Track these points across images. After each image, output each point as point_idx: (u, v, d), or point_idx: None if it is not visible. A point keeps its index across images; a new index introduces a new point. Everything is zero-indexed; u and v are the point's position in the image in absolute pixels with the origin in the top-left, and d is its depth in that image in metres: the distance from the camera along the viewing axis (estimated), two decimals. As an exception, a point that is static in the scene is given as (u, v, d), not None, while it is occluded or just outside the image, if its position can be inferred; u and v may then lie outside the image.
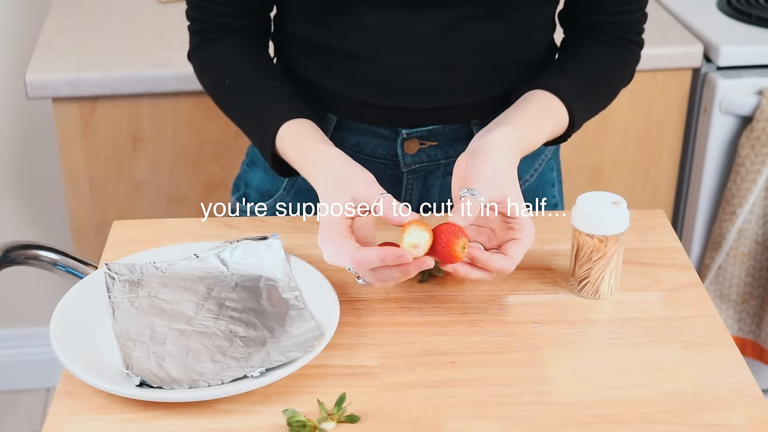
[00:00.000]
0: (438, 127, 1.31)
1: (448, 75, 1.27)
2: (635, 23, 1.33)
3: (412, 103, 1.28)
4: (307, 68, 1.31)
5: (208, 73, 1.30)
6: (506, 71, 1.29)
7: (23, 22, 2.20)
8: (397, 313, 1.16)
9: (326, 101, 1.31)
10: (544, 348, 1.12)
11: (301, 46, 1.30)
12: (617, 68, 1.32)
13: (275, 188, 1.39)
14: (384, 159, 1.33)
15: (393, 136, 1.31)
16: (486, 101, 1.30)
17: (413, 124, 1.31)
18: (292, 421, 0.99)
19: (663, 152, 2.10)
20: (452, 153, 1.33)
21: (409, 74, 1.26)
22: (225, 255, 1.21)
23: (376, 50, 1.25)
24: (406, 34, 1.24)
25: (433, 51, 1.24)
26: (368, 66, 1.26)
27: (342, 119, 1.32)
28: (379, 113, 1.29)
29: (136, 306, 1.14)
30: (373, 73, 1.26)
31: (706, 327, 1.15)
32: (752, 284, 2.10)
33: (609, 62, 1.32)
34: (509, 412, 1.03)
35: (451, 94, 1.28)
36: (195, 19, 1.30)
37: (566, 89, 1.25)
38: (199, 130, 1.94)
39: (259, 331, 1.11)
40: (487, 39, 1.25)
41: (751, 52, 2.02)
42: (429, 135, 1.31)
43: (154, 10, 2.09)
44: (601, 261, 1.16)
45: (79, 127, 1.90)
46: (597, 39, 1.32)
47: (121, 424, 1.01)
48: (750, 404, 1.05)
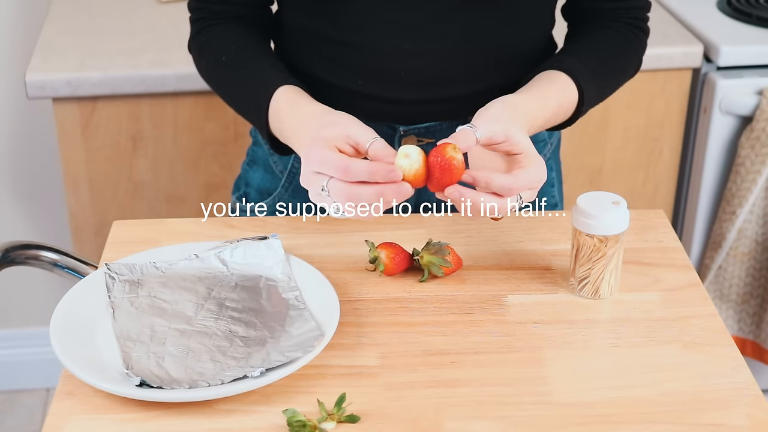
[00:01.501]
0: (435, 123, 1.31)
1: (446, 63, 1.27)
2: (638, 10, 1.33)
3: (411, 94, 1.28)
4: (307, 60, 1.32)
5: (206, 55, 1.32)
6: (503, 62, 1.30)
7: (23, 22, 2.20)
8: (397, 313, 1.16)
9: (325, 95, 1.31)
10: (544, 348, 1.12)
11: (301, 37, 1.31)
12: (625, 52, 1.33)
13: (274, 186, 1.40)
14: None
15: (390, 133, 1.32)
16: (483, 94, 1.30)
17: (411, 119, 1.31)
18: (292, 421, 0.99)
19: (663, 152, 2.10)
20: None
21: (407, 62, 1.26)
22: (225, 255, 1.21)
23: (374, 38, 1.26)
24: (404, 21, 1.24)
25: (430, 38, 1.25)
26: (366, 54, 1.27)
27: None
28: (378, 106, 1.30)
29: (136, 306, 1.14)
30: (370, 61, 1.27)
31: (706, 327, 1.15)
32: (752, 284, 2.10)
33: (617, 45, 1.32)
34: (509, 412, 1.03)
35: (449, 84, 1.28)
36: (195, 8, 1.33)
37: (574, 66, 1.25)
38: (199, 130, 1.94)
39: (259, 331, 1.11)
40: (485, 27, 1.26)
41: (751, 52, 2.02)
42: (426, 132, 1.32)
43: (154, 10, 2.09)
44: (600, 261, 1.16)
45: (79, 127, 1.90)
46: (603, 24, 1.32)
47: (121, 424, 1.01)
48: (750, 404, 1.05)
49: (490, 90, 1.30)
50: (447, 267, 1.21)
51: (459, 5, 1.24)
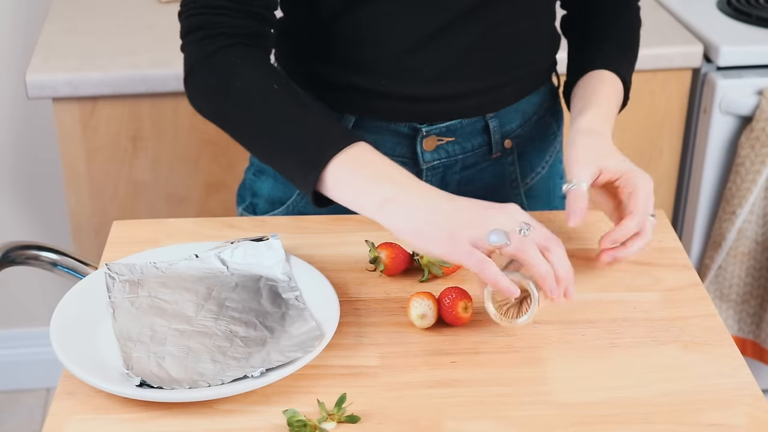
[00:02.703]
0: (455, 122, 1.33)
1: (467, 58, 1.29)
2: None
3: (433, 91, 1.30)
4: (325, 62, 1.31)
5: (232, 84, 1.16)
6: (521, 54, 1.33)
7: (23, 22, 2.20)
8: (397, 313, 1.16)
9: (344, 100, 1.31)
10: (544, 348, 1.12)
11: (320, 40, 1.30)
12: (635, 28, 1.41)
13: (288, 195, 1.38)
14: (402, 157, 1.34)
15: (412, 134, 1.32)
16: (501, 89, 1.34)
17: (431, 117, 1.32)
18: (292, 421, 0.99)
19: (663, 152, 2.10)
20: (468, 147, 1.36)
21: (429, 59, 1.27)
22: (225, 255, 1.21)
23: (396, 36, 1.26)
24: (425, 19, 1.25)
25: (452, 36, 1.26)
26: (389, 53, 1.27)
27: (360, 118, 1.32)
28: (400, 106, 1.30)
29: (136, 306, 1.14)
30: (393, 60, 1.28)
31: (706, 327, 1.15)
32: (752, 284, 2.11)
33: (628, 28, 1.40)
34: (509, 412, 1.03)
35: (470, 79, 1.30)
36: (199, 27, 1.18)
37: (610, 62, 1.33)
38: (199, 130, 1.94)
39: (260, 331, 1.11)
40: (505, 21, 1.29)
41: (751, 52, 2.02)
42: (447, 131, 1.33)
43: (154, 10, 2.09)
44: None
45: (79, 127, 1.90)
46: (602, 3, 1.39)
47: (121, 424, 1.01)
48: (750, 404, 1.05)
49: (509, 82, 1.34)
50: (447, 267, 1.21)
51: (481, 3, 1.25)
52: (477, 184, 1.39)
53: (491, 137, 1.36)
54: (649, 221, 1.18)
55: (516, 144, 1.39)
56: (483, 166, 1.39)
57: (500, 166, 1.40)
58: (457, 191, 1.36)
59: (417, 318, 1.13)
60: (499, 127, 1.36)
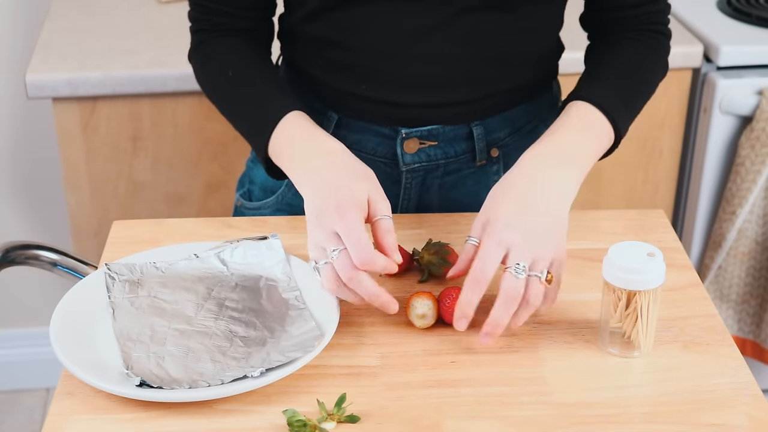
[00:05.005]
0: (438, 126, 1.31)
1: (451, 67, 1.26)
2: (659, 14, 1.32)
3: (415, 98, 1.28)
4: (311, 64, 1.31)
5: (210, 67, 1.31)
6: (509, 66, 1.29)
7: (23, 22, 2.20)
8: (397, 313, 1.16)
9: (329, 98, 1.31)
10: (544, 348, 1.12)
11: (306, 43, 1.31)
12: (645, 61, 1.30)
13: (278, 184, 1.39)
14: (384, 158, 1.33)
15: (393, 135, 1.31)
16: (487, 99, 1.30)
17: (414, 122, 1.31)
18: (292, 421, 0.99)
19: (663, 152, 2.10)
20: (452, 153, 1.33)
21: (412, 67, 1.26)
22: (225, 255, 1.21)
23: (378, 42, 1.25)
24: (409, 26, 1.24)
25: (436, 43, 1.24)
26: (369, 58, 1.26)
27: (343, 117, 1.32)
28: (381, 110, 1.30)
29: (136, 306, 1.14)
30: (374, 65, 1.27)
31: (706, 327, 1.15)
32: (752, 284, 2.10)
33: (639, 57, 1.30)
34: (509, 412, 1.03)
35: (454, 88, 1.28)
36: (197, 19, 1.31)
37: (600, 96, 1.23)
38: (199, 130, 1.94)
39: (259, 331, 1.11)
40: (488, 31, 1.25)
41: (751, 52, 2.02)
42: (429, 135, 1.31)
43: (154, 10, 2.09)
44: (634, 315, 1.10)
45: (79, 127, 1.90)
46: (620, 37, 1.31)
47: (121, 424, 1.01)
48: (750, 404, 1.05)
49: (495, 93, 1.30)
50: (447, 267, 1.21)
51: (465, 11, 1.23)
52: (460, 191, 1.37)
53: (476, 144, 1.33)
54: (531, 282, 1.08)
55: (503, 153, 1.35)
56: (466, 172, 1.36)
57: (485, 174, 1.36)
58: (438, 196, 1.36)
59: (417, 318, 1.13)
60: (485, 134, 1.33)
